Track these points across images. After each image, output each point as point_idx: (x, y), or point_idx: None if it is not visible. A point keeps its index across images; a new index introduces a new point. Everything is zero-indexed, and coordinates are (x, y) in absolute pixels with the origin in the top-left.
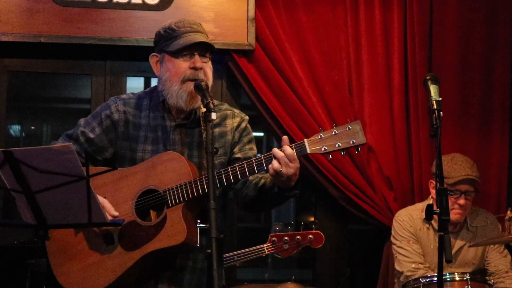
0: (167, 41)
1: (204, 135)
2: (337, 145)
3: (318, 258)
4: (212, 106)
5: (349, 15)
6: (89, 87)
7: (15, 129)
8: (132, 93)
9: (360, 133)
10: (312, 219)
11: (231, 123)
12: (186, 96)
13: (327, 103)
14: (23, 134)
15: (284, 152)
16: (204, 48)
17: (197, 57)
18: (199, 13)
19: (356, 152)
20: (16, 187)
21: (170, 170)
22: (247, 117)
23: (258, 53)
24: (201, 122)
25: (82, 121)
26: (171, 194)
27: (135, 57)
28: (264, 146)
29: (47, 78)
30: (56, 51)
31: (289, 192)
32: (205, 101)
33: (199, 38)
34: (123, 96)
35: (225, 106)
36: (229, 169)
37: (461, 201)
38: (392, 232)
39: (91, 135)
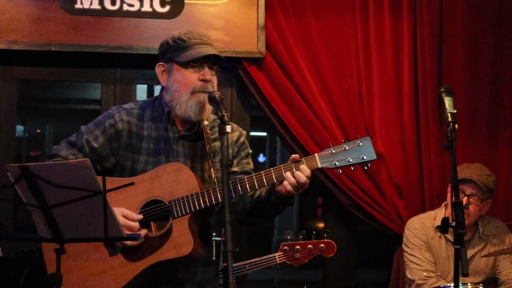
0: (176, 51)
1: (207, 148)
2: (347, 160)
3: (328, 260)
4: (227, 118)
5: (359, 22)
6: (92, 89)
7: (18, 129)
8: (134, 103)
9: (370, 149)
10: (319, 224)
11: (230, 137)
12: (195, 106)
13: (337, 110)
14: (26, 135)
15: (298, 180)
16: (213, 61)
17: (207, 69)
18: (209, 21)
19: (366, 168)
20: (32, 201)
21: (176, 181)
22: (245, 132)
23: (268, 61)
24: (205, 134)
25: (83, 128)
26: (177, 205)
27: (144, 65)
28: (267, 146)
29: (50, 80)
30: (66, 59)
31: (288, 200)
32: (219, 113)
33: (211, 50)
34: (126, 106)
35: None
36: (238, 182)
37: (463, 201)
38: (404, 239)
39: (95, 144)
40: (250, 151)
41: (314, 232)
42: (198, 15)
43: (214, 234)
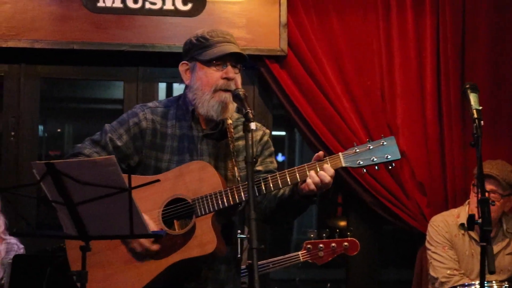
0: (200, 50)
1: (231, 147)
2: (372, 160)
3: (351, 259)
4: (251, 116)
5: (381, 20)
6: (112, 88)
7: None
8: (158, 101)
9: (394, 149)
10: (340, 222)
11: (254, 136)
12: (217, 106)
13: (359, 108)
14: (46, 134)
15: (322, 180)
16: (236, 59)
17: (229, 67)
18: (231, 19)
19: (390, 168)
20: (57, 198)
21: (199, 179)
22: (268, 131)
23: (290, 58)
24: (228, 133)
25: (107, 127)
26: (201, 203)
27: (167, 63)
28: (286, 145)
29: (69, 80)
30: (88, 58)
31: (311, 199)
32: (244, 111)
33: (234, 48)
34: (150, 104)
35: None
36: (262, 181)
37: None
38: (427, 237)
39: (119, 143)
40: (274, 150)
41: (337, 230)
42: (220, 13)
43: (239, 231)
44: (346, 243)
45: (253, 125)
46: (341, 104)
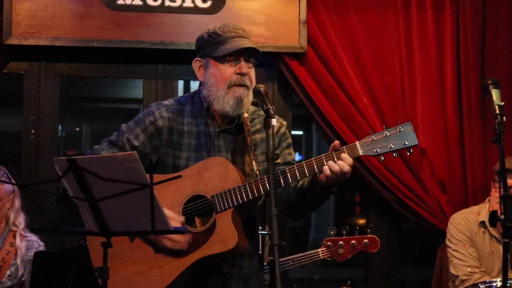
0: (212, 46)
1: (248, 141)
2: (389, 147)
3: (370, 258)
4: (272, 112)
5: (400, 16)
6: (129, 88)
7: None
8: (173, 99)
9: (411, 135)
10: (358, 221)
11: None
12: (232, 101)
13: (379, 105)
14: (63, 134)
15: (341, 169)
16: (249, 54)
17: (243, 62)
18: (251, 16)
19: (408, 154)
20: (79, 194)
21: (217, 175)
22: (285, 123)
23: (310, 55)
24: (245, 127)
25: (124, 127)
26: (220, 199)
27: (186, 60)
28: (303, 144)
29: (87, 79)
30: (108, 56)
31: (330, 189)
32: (264, 107)
33: (246, 43)
34: (165, 102)
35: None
36: (280, 174)
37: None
38: (448, 235)
39: (136, 143)
40: (291, 141)
41: (357, 228)
42: (240, 10)
43: (260, 228)
44: (366, 240)
45: (274, 121)
46: (361, 101)
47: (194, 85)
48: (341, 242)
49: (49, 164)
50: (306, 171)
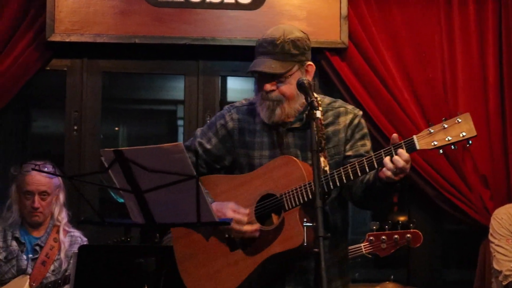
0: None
1: (317, 136)
2: (447, 139)
3: (412, 257)
4: (316, 104)
5: (442, 11)
6: (166, 90)
7: None
8: (245, 99)
9: (470, 125)
10: (400, 218)
11: (344, 121)
12: (265, 111)
13: (421, 101)
14: (101, 136)
15: (396, 165)
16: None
17: (264, 83)
18: (292, 12)
19: (467, 146)
20: (125, 186)
21: (285, 174)
22: (360, 113)
23: (351, 51)
24: (313, 123)
25: (198, 131)
26: (287, 197)
27: (227, 56)
28: None
29: (124, 80)
30: (150, 52)
31: (392, 185)
32: (308, 99)
33: (261, 66)
34: (237, 103)
35: (339, 103)
36: (342, 170)
37: None
38: (490, 230)
39: (208, 146)
40: (367, 131)
41: (399, 222)
42: (281, 6)
43: (305, 220)
44: (409, 235)
45: (318, 113)
46: (402, 96)
47: (231, 82)
48: (383, 237)
49: (91, 161)
50: (366, 167)
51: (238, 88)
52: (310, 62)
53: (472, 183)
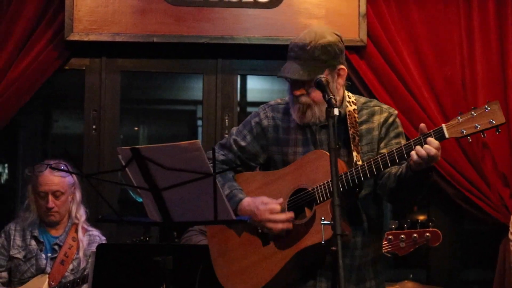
0: None
1: (351, 132)
2: (476, 127)
3: (431, 256)
4: (334, 102)
5: (461, 9)
6: (185, 90)
7: None
8: (281, 98)
9: (498, 113)
10: (420, 217)
11: (378, 119)
12: (296, 113)
13: (440, 99)
14: (122, 136)
15: (428, 153)
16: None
17: (292, 86)
18: (310, 10)
19: (497, 133)
20: (143, 184)
21: (317, 168)
22: (395, 112)
23: (370, 49)
24: (348, 120)
25: (234, 129)
26: (319, 191)
27: (246, 55)
28: None
29: (143, 80)
30: (168, 51)
31: (424, 174)
32: (326, 97)
33: (286, 71)
34: (272, 102)
35: (374, 102)
36: (372, 161)
37: None
38: (510, 228)
39: (243, 143)
40: (402, 130)
41: (418, 221)
42: (299, 4)
43: (322, 218)
44: (428, 234)
45: (336, 111)
46: (421, 94)
47: (250, 81)
48: (402, 236)
49: (110, 160)
50: (396, 157)
51: (257, 88)
52: (342, 66)
53: (492, 181)
